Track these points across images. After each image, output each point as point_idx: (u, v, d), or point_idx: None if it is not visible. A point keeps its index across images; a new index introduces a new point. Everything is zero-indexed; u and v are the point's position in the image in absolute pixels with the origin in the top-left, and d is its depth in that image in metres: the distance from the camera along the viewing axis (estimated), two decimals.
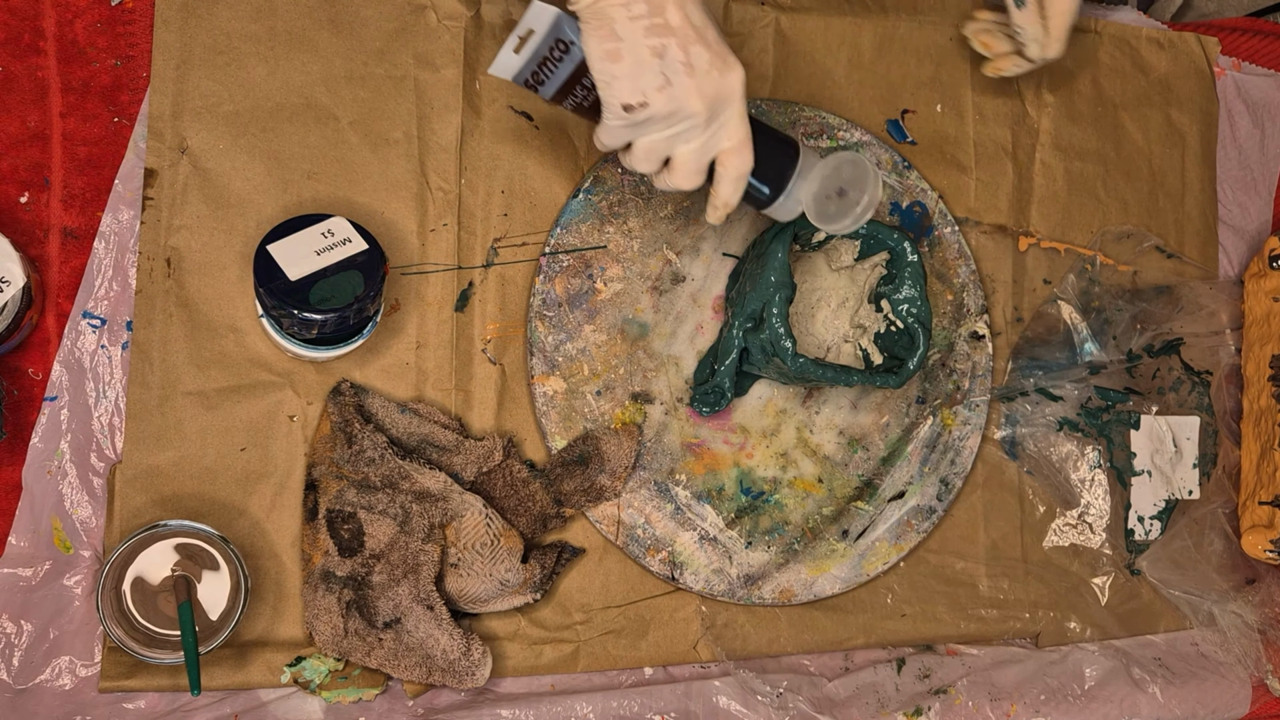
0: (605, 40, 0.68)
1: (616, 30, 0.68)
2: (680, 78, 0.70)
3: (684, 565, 0.88)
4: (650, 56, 0.69)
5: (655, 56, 0.69)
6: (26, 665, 0.77)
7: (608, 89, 0.70)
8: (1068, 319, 0.98)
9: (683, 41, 0.69)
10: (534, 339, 0.86)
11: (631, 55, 0.68)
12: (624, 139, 0.73)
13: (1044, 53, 0.89)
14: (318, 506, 0.80)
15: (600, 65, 0.69)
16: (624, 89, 0.69)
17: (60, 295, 0.81)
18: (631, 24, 0.68)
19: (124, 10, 0.83)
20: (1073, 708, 0.94)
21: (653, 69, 0.69)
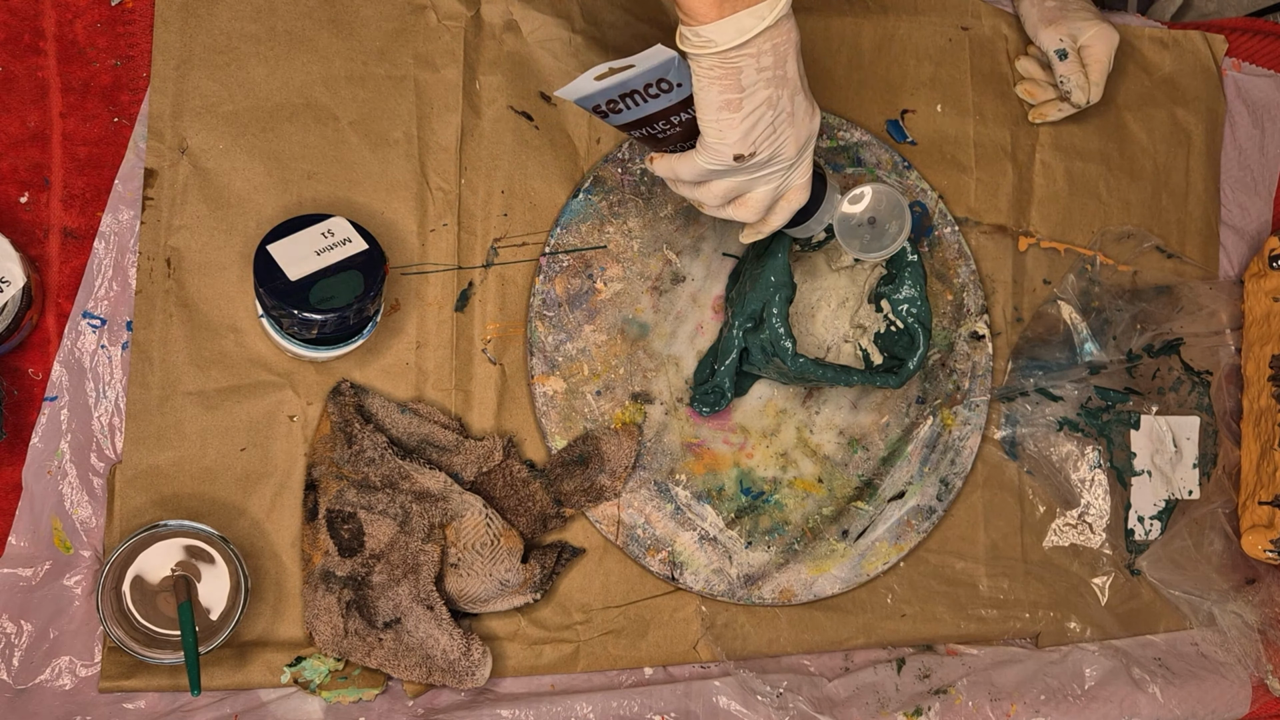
0: (728, 90, 0.67)
1: (741, 81, 0.66)
2: (785, 127, 0.70)
3: (684, 565, 0.88)
4: (766, 108, 0.68)
5: (770, 108, 0.68)
6: (26, 665, 0.77)
7: (719, 138, 0.69)
8: (1068, 319, 0.98)
9: (791, 92, 0.69)
10: (534, 339, 0.86)
11: (750, 106, 0.67)
12: (708, 178, 0.72)
13: (1086, 98, 0.96)
14: (318, 506, 0.80)
15: (716, 115, 0.68)
16: (736, 139, 0.69)
17: (60, 295, 0.81)
18: (757, 75, 0.67)
19: (124, 10, 0.83)
20: (1073, 708, 0.94)
21: (765, 120, 0.68)
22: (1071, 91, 0.95)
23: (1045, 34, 0.96)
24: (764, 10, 0.65)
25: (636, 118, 0.71)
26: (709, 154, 0.70)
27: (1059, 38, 0.95)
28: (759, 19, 0.65)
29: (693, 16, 0.65)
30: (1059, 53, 0.95)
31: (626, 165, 0.90)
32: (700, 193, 0.74)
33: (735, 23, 0.65)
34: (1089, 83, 0.95)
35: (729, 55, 0.66)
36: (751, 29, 0.65)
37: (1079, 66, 0.95)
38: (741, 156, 0.70)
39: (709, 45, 0.65)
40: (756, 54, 0.66)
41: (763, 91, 0.67)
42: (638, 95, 0.69)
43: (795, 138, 0.71)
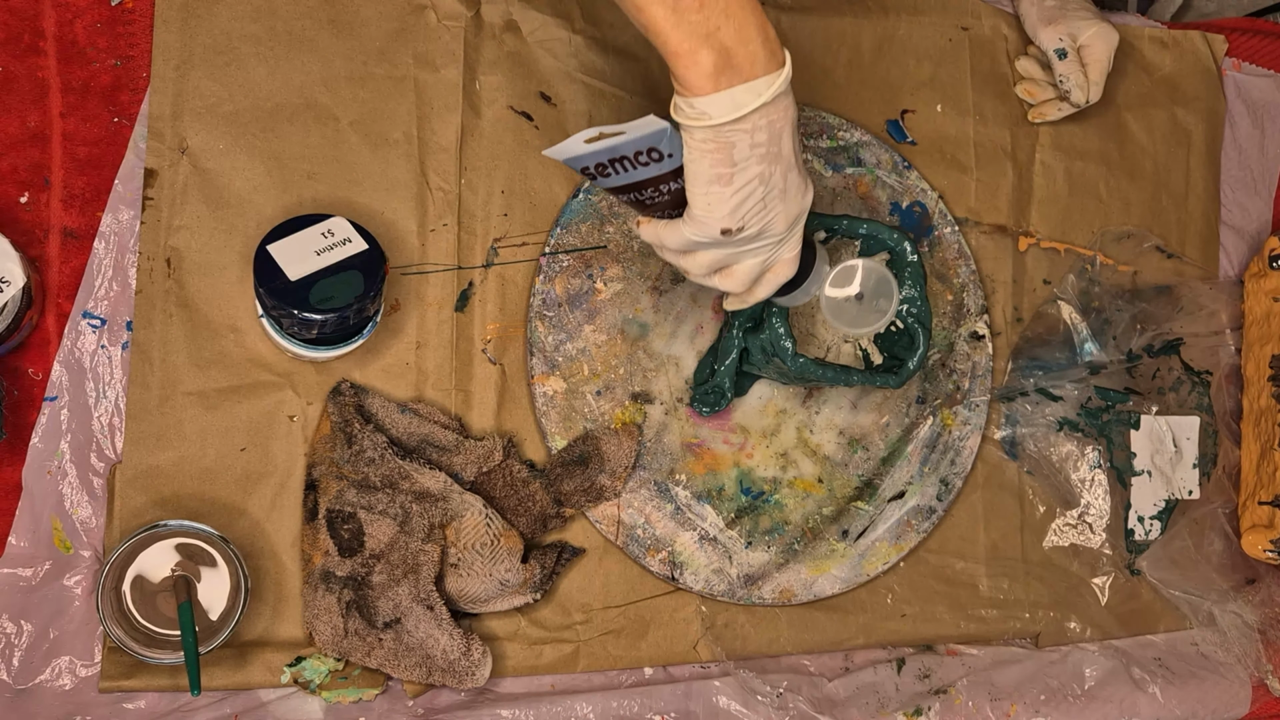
0: (719, 164, 0.66)
1: (734, 156, 0.65)
2: (775, 203, 0.68)
3: (684, 565, 0.88)
4: (757, 183, 0.67)
5: (761, 184, 0.67)
6: (26, 665, 0.77)
7: (708, 211, 0.68)
8: (1068, 319, 0.98)
9: (785, 168, 0.68)
10: (534, 339, 0.86)
11: (741, 181, 0.66)
12: (694, 249, 0.71)
13: (1086, 97, 0.96)
14: (318, 506, 0.80)
15: (705, 188, 0.67)
16: (725, 213, 0.67)
17: (60, 295, 0.81)
18: (750, 150, 0.65)
19: (124, 10, 0.83)
20: (1073, 708, 0.94)
21: (756, 195, 0.67)
22: (1071, 91, 0.95)
23: (1045, 33, 0.96)
24: (761, 86, 0.64)
25: (625, 183, 0.70)
26: (696, 226, 0.69)
27: (1059, 37, 0.95)
28: (756, 95, 0.64)
29: (688, 88, 0.64)
30: (1058, 52, 0.95)
31: None
32: (686, 261, 0.73)
33: (731, 97, 0.63)
34: (1088, 82, 0.95)
35: (723, 129, 0.64)
36: (747, 105, 0.64)
37: (1078, 66, 0.95)
38: (729, 231, 0.68)
39: (703, 118, 0.64)
40: (751, 130, 0.65)
41: (755, 167, 0.66)
42: (627, 161, 0.68)
43: (786, 214, 0.69)
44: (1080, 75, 0.95)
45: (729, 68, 0.63)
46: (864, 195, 0.94)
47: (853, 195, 0.94)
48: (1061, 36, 0.95)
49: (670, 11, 0.62)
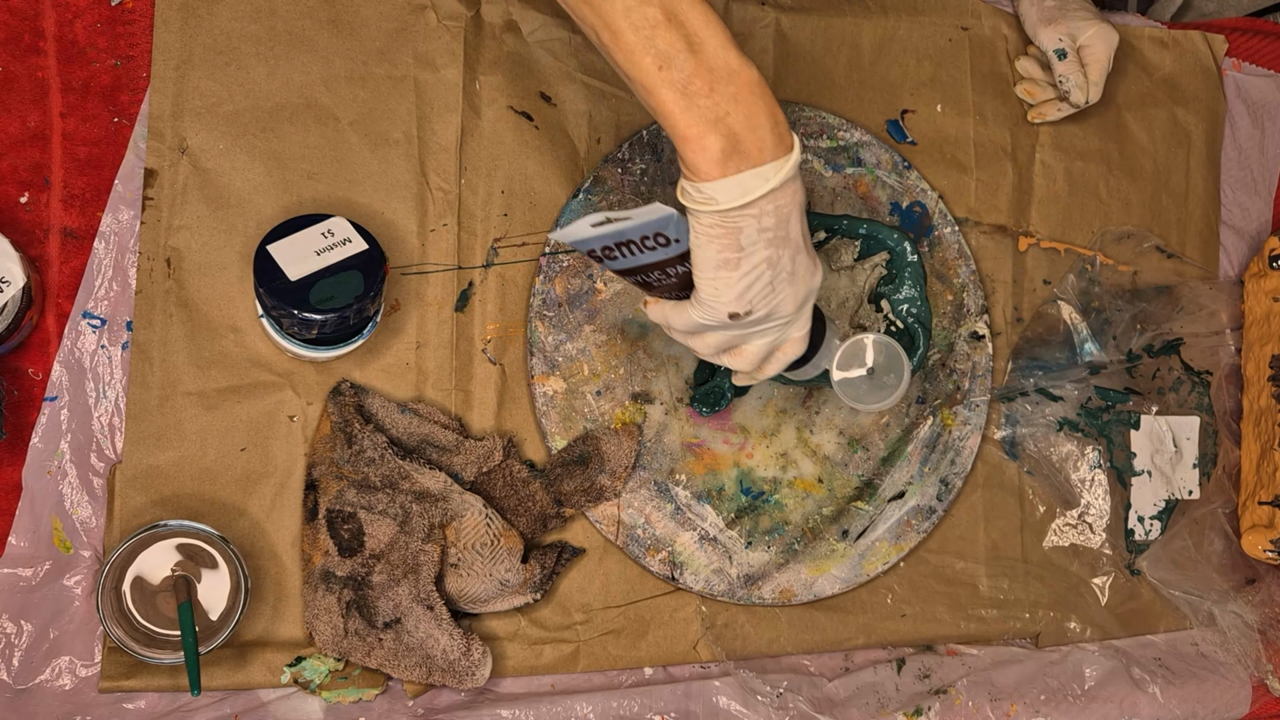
0: (726, 249, 0.65)
1: (741, 240, 0.65)
2: (784, 286, 0.68)
3: (684, 565, 0.88)
4: (765, 267, 0.66)
5: (769, 267, 0.66)
6: (26, 665, 0.77)
7: (715, 295, 0.67)
8: (1068, 319, 0.98)
9: (793, 251, 0.67)
10: (534, 339, 0.86)
11: (748, 265, 0.66)
12: (701, 331, 0.71)
13: (1085, 97, 0.96)
14: (318, 506, 0.80)
15: (713, 273, 0.66)
16: (732, 298, 0.67)
17: (60, 295, 0.81)
18: (758, 235, 0.65)
19: (124, 10, 0.83)
20: (1073, 708, 0.94)
21: (764, 279, 0.67)
22: (1071, 91, 0.95)
23: (1044, 33, 0.96)
24: (769, 172, 0.64)
25: (631, 266, 0.70)
26: (703, 310, 0.69)
27: (1058, 37, 0.95)
28: (763, 180, 0.63)
29: (696, 173, 0.64)
30: (1058, 52, 0.95)
31: (626, 166, 0.90)
32: (693, 342, 0.73)
33: (739, 183, 0.63)
34: (1088, 82, 0.95)
35: (730, 215, 0.64)
36: (755, 190, 0.63)
37: (1078, 66, 0.95)
38: (736, 315, 0.68)
39: (710, 203, 0.64)
40: (758, 215, 0.64)
41: (762, 251, 0.66)
42: (634, 245, 0.68)
43: (794, 296, 0.69)
44: (1080, 75, 0.95)
45: (737, 153, 0.63)
46: (864, 195, 0.94)
47: (853, 195, 0.94)
48: (1061, 36, 0.95)
49: (680, 96, 0.62)
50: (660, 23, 0.62)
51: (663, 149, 0.90)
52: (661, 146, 0.90)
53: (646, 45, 0.62)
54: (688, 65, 0.62)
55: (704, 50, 0.62)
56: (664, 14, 0.62)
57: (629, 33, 0.62)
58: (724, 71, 0.63)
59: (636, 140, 0.90)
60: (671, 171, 0.90)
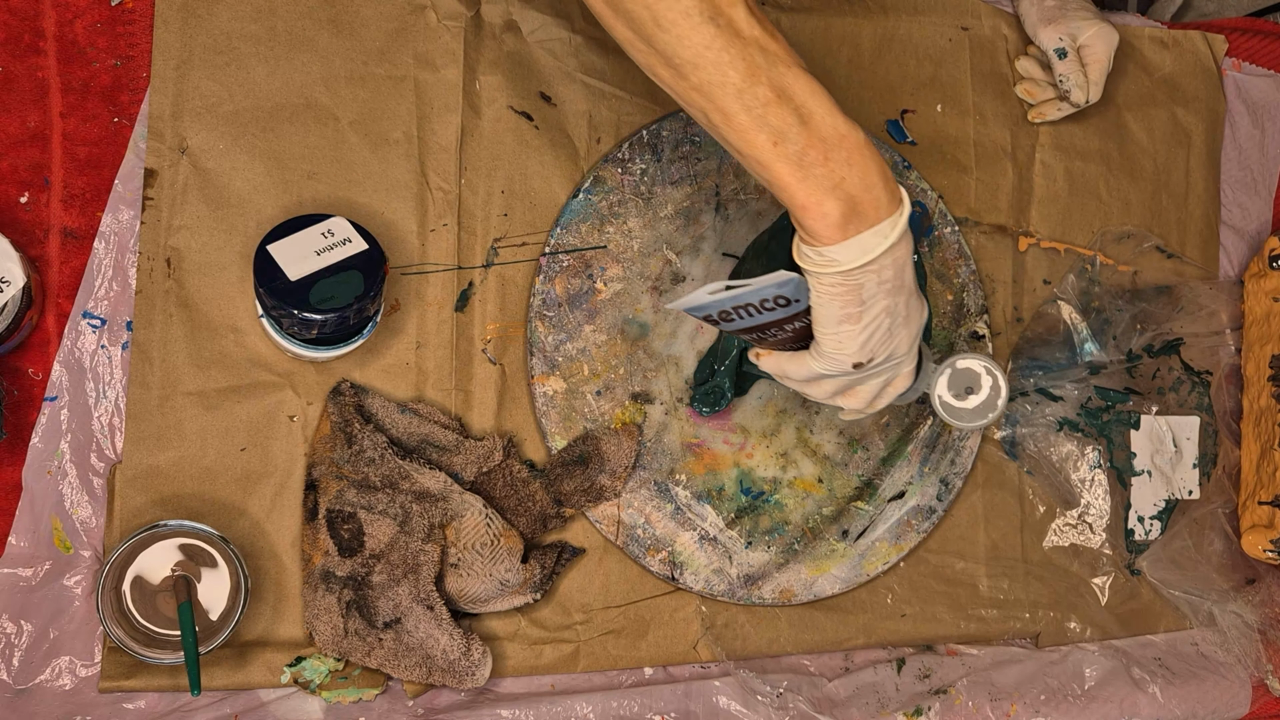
0: (849, 305, 0.67)
1: (862, 295, 0.66)
2: (900, 329, 0.70)
3: (684, 565, 0.88)
4: (884, 316, 0.68)
5: (887, 315, 0.68)
6: (26, 665, 0.77)
7: (838, 348, 0.69)
8: (1068, 319, 0.98)
9: (908, 295, 0.69)
10: (534, 339, 0.87)
11: (869, 317, 0.67)
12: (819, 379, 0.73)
13: (1085, 97, 0.96)
14: (318, 506, 0.80)
15: (835, 328, 0.68)
16: (855, 350, 0.69)
17: (60, 295, 0.81)
18: (878, 288, 0.66)
19: (124, 10, 0.83)
20: (1073, 708, 0.94)
21: (883, 328, 0.69)
22: (1071, 91, 0.95)
23: (1045, 33, 0.96)
24: (886, 229, 0.65)
25: (748, 326, 0.71)
26: (827, 362, 0.70)
27: (1058, 36, 0.95)
28: (883, 238, 0.65)
29: (817, 238, 0.65)
30: (1058, 52, 0.95)
31: (626, 165, 0.90)
32: (809, 389, 0.74)
33: (860, 244, 0.65)
34: (1088, 82, 0.95)
35: (852, 274, 0.65)
36: (875, 249, 0.65)
37: (1078, 65, 0.95)
38: (860, 364, 0.70)
39: (832, 265, 0.65)
40: (879, 269, 0.66)
41: (882, 301, 0.67)
42: (752, 308, 0.69)
43: (908, 336, 0.71)
44: (1080, 75, 0.95)
45: (856, 215, 0.64)
46: None
47: None
48: (1061, 36, 0.95)
49: (796, 168, 0.63)
50: (771, 100, 0.63)
51: (662, 149, 0.90)
52: (661, 146, 0.90)
53: (760, 124, 0.63)
54: (801, 138, 0.63)
55: (813, 120, 0.63)
56: (774, 92, 0.63)
57: (741, 114, 0.63)
58: (834, 138, 0.64)
59: (636, 140, 0.90)
60: (671, 171, 0.90)
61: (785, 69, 0.63)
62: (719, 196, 0.91)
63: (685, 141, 0.91)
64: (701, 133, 0.91)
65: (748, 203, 0.91)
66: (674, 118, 0.90)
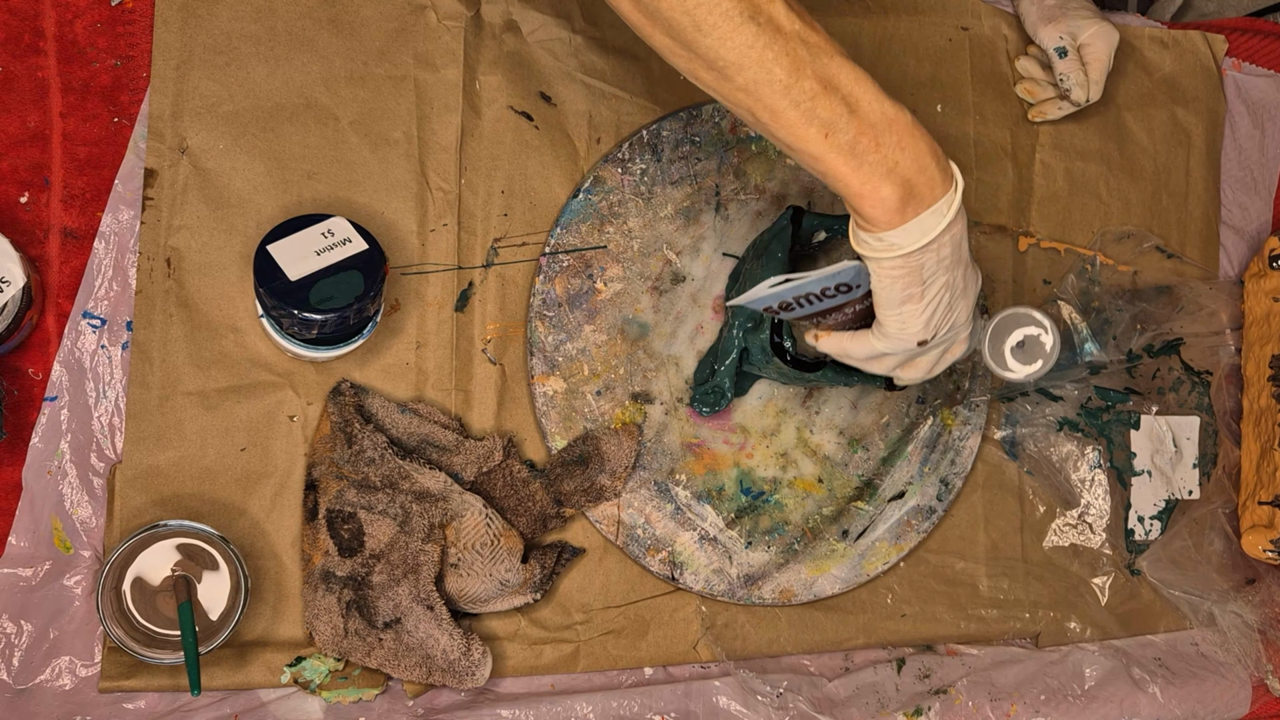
0: (910, 286, 0.67)
1: (923, 275, 0.67)
2: (959, 301, 0.70)
3: (684, 565, 0.88)
4: (944, 291, 0.68)
5: (947, 290, 0.68)
6: (26, 665, 0.77)
7: (902, 328, 0.69)
8: (1068, 319, 0.98)
9: (964, 268, 0.69)
10: (534, 339, 0.86)
11: (930, 294, 0.68)
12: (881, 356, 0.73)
13: (1086, 96, 0.96)
14: (318, 506, 0.80)
15: (898, 309, 0.68)
16: (918, 329, 0.69)
17: (60, 295, 0.81)
18: (937, 265, 0.67)
19: (124, 10, 0.83)
20: (1073, 708, 0.94)
21: (944, 303, 0.69)
22: (1071, 89, 0.95)
23: (1045, 32, 0.96)
24: (943, 207, 0.65)
25: (809, 313, 0.72)
26: (891, 343, 0.71)
27: (1059, 35, 0.95)
28: (941, 216, 0.65)
29: (875, 224, 0.65)
30: (1059, 50, 0.95)
31: (626, 165, 0.90)
32: (871, 365, 0.74)
33: (919, 225, 0.65)
34: (1089, 81, 0.95)
35: (912, 255, 0.65)
36: (935, 229, 0.65)
37: (1079, 64, 0.95)
38: (925, 342, 0.70)
39: (893, 249, 0.65)
40: (937, 248, 0.66)
41: (942, 277, 0.67)
42: (813, 297, 0.70)
43: (967, 307, 0.71)
44: (1080, 74, 0.95)
45: (913, 198, 0.64)
46: None
47: None
48: (1062, 35, 0.95)
49: (849, 157, 0.63)
50: (818, 93, 0.62)
51: (662, 149, 0.90)
52: (661, 146, 0.90)
53: (809, 118, 0.63)
54: (851, 127, 0.63)
55: (861, 107, 0.63)
56: (820, 84, 0.62)
57: (790, 110, 0.63)
58: (884, 123, 0.64)
59: (636, 140, 0.90)
60: (671, 171, 0.90)
61: (829, 59, 0.63)
62: (719, 196, 0.91)
63: (685, 141, 0.91)
64: (702, 133, 0.91)
65: (748, 203, 0.91)
66: (674, 118, 0.90)
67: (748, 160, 0.92)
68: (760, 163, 0.92)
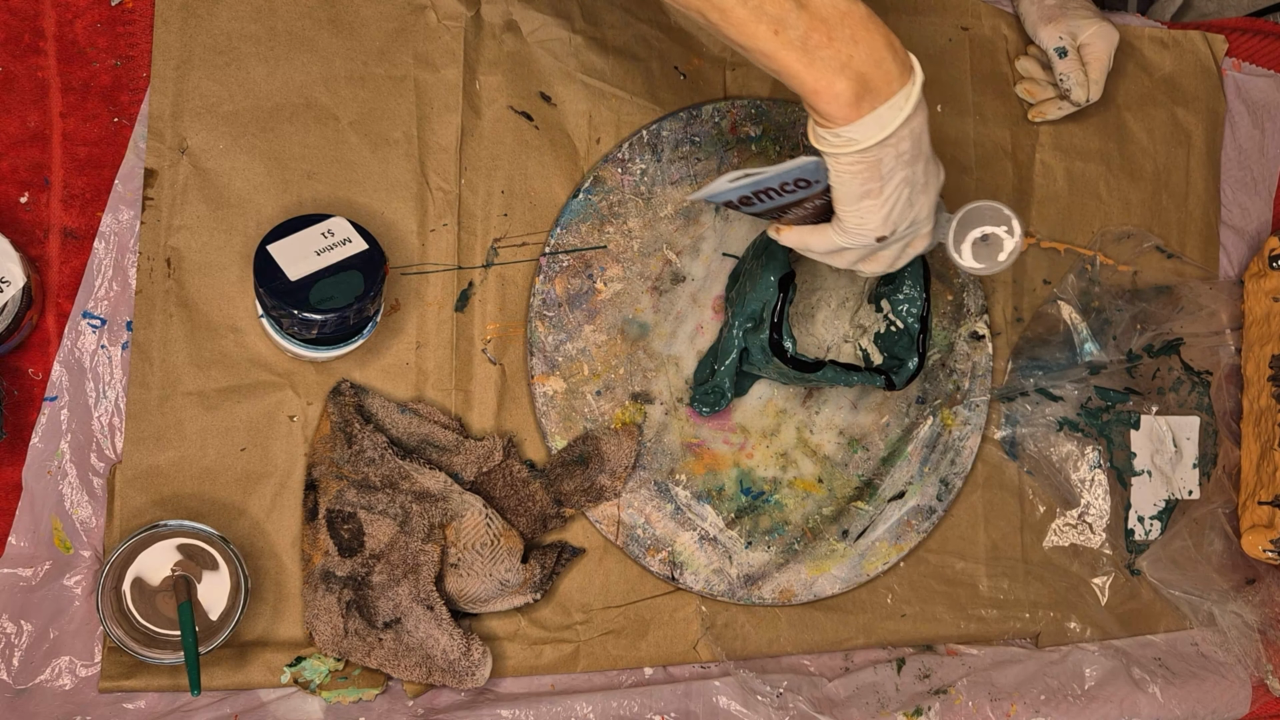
0: (868, 182, 0.66)
1: (881, 170, 0.66)
2: (919, 197, 0.69)
3: (684, 565, 0.88)
4: (903, 186, 0.68)
5: (906, 185, 0.68)
6: (26, 665, 0.77)
7: (860, 224, 0.69)
8: (1068, 319, 0.98)
9: (924, 163, 0.68)
10: (534, 339, 0.86)
11: (889, 190, 0.67)
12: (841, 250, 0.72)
13: (1086, 95, 0.96)
14: (318, 506, 0.80)
15: (856, 205, 0.68)
16: (877, 223, 0.69)
17: (60, 295, 0.81)
18: (896, 160, 0.66)
19: (124, 10, 0.83)
20: (1073, 708, 0.94)
21: (903, 199, 0.68)
22: (1071, 89, 0.95)
23: (1045, 31, 0.96)
24: (900, 101, 0.64)
25: (769, 208, 0.71)
26: (850, 237, 0.70)
27: (1059, 35, 0.95)
28: (898, 110, 0.64)
29: (831, 119, 0.64)
30: (1059, 50, 0.95)
31: (626, 165, 0.90)
32: (832, 259, 0.74)
33: (876, 120, 0.64)
34: (1089, 80, 0.95)
35: (870, 150, 0.65)
36: (892, 122, 0.64)
37: (1079, 64, 0.95)
38: (883, 238, 0.70)
39: (850, 145, 0.65)
40: (895, 142, 0.65)
41: (900, 173, 0.67)
42: (772, 192, 0.70)
43: (928, 202, 0.70)
44: (1080, 74, 0.95)
45: (868, 93, 0.64)
46: None
47: None
48: (1062, 35, 0.95)
49: (801, 53, 0.63)
50: None
51: (662, 149, 0.90)
52: (661, 146, 0.90)
53: (758, 15, 0.62)
54: (801, 22, 0.62)
55: (811, 2, 0.63)
56: None
57: (738, 8, 0.62)
58: (836, 17, 0.63)
59: (636, 140, 0.90)
60: (671, 171, 0.90)
61: None
62: None
63: (685, 141, 0.91)
64: (701, 133, 0.91)
65: None
66: (674, 118, 0.90)
67: (748, 160, 0.92)
68: (760, 163, 0.92)
